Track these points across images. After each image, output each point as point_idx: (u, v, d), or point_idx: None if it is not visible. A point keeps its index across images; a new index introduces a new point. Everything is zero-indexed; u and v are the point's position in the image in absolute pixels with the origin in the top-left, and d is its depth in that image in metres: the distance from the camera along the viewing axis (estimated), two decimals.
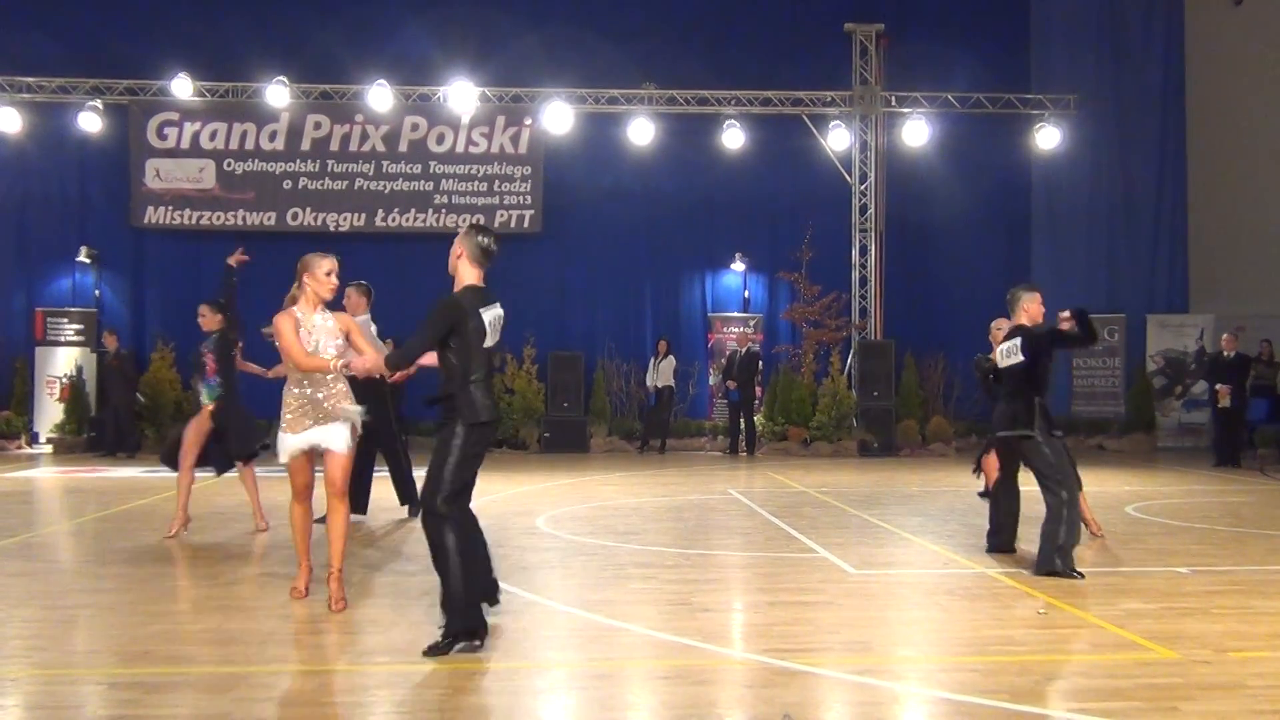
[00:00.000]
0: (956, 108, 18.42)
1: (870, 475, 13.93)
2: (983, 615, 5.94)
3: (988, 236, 19.11)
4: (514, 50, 18.14)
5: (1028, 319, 7.70)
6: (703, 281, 19.38)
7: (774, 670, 4.81)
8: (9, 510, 10.45)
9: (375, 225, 18.42)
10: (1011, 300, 7.81)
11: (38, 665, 4.87)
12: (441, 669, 4.75)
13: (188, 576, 6.90)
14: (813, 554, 7.83)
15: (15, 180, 18.48)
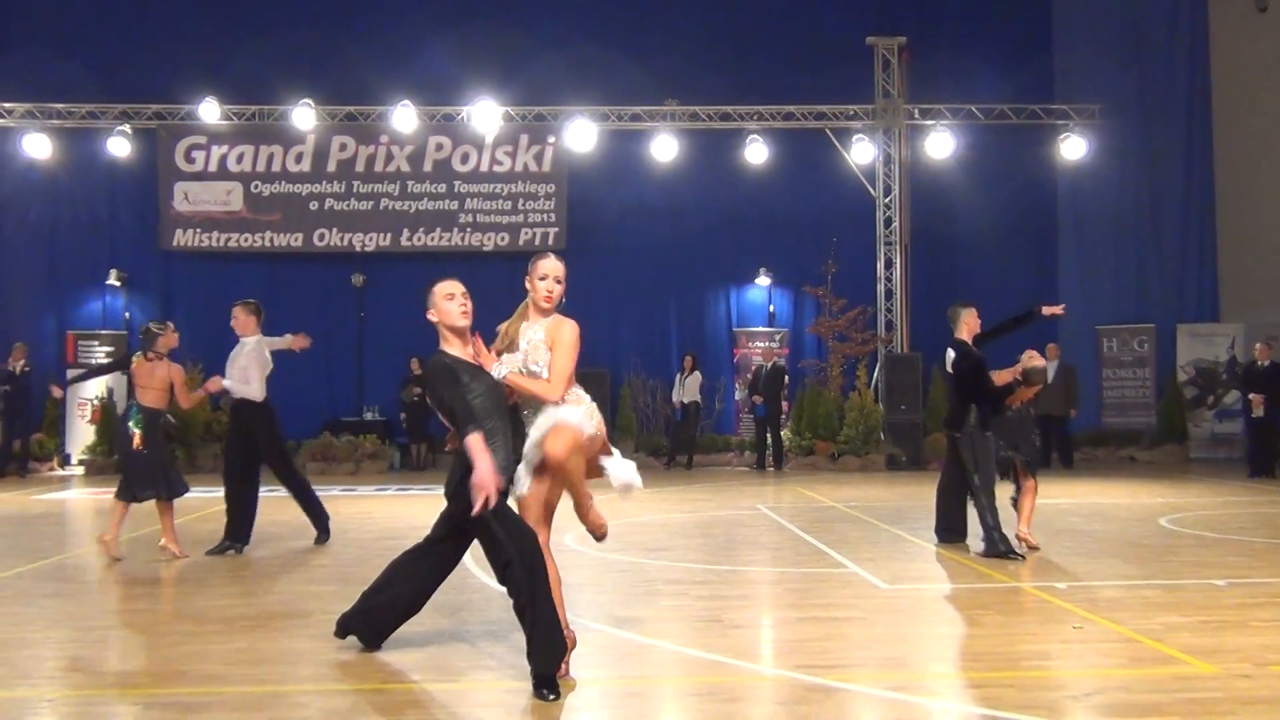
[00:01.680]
0: (980, 119, 18.37)
1: (899, 489, 13.85)
2: (1017, 630, 5.88)
3: (1014, 248, 19.03)
4: (537, 69, 18.25)
5: (967, 333, 8.48)
6: (728, 297, 19.38)
7: (806, 687, 4.77)
8: (42, 532, 10.55)
9: (401, 245, 18.54)
10: (952, 316, 8.57)
11: (73, 686, 4.90)
12: (472, 687, 4.74)
13: (220, 596, 6.93)
14: (843, 569, 7.78)
15: (46, 205, 18.74)
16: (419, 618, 6.23)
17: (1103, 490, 13.53)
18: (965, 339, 8.46)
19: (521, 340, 4.90)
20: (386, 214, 18.59)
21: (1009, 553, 8.03)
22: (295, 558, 8.55)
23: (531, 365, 4.84)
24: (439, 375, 4.87)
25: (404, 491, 14.23)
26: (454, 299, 4.99)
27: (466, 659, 5.27)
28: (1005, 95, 18.43)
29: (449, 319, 4.97)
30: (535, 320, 4.93)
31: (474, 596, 6.82)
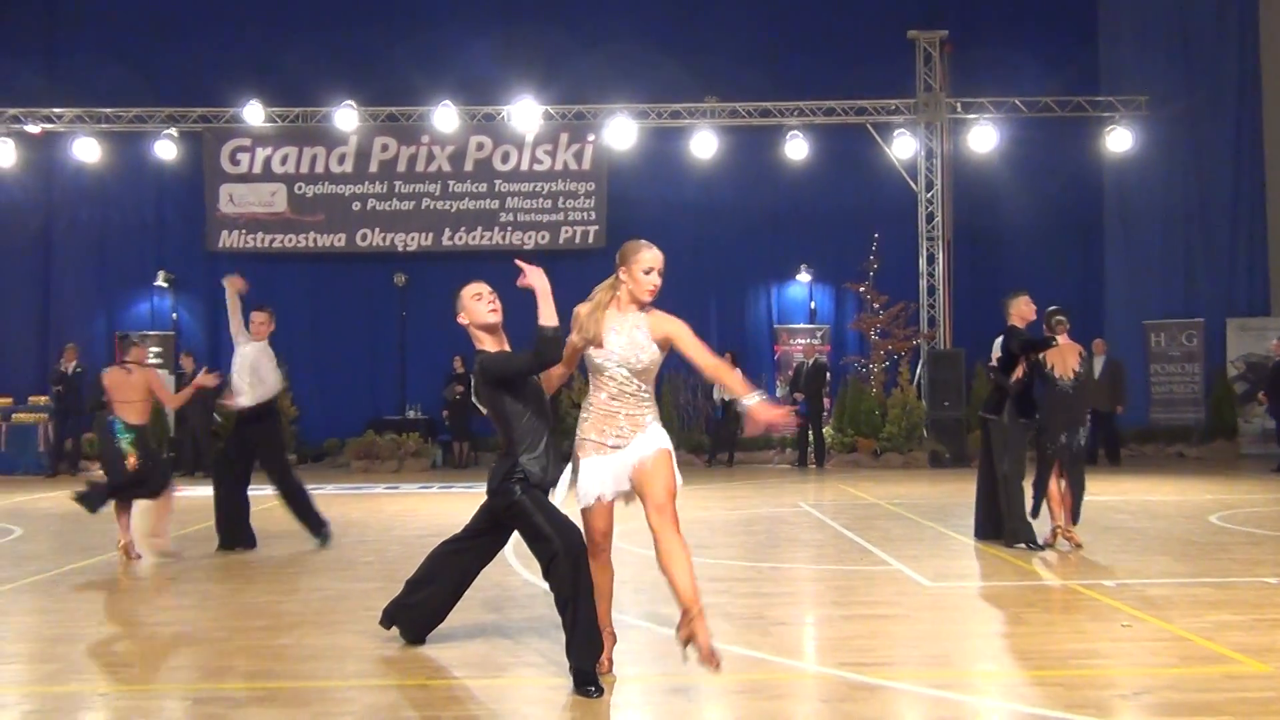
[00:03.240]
0: (1024, 112, 18.16)
1: (942, 486, 13.73)
2: (1064, 628, 5.81)
3: (1059, 242, 18.79)
4: (576, 68, 18.27)
5: (1019, 320, 8.47)
6: (768, 293, 19.31)
7: (851, 684, 4.75)
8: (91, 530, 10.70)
9: (442, 244, 18.65)
10: (1004, 305, 8.60)
11: (124, 681, 4.98)
12: (516, 682, 4.76)
13: (265, 593, 7.01)
14: (886, 567, 7.73)
15: (95, 208, 19.05)
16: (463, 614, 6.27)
17: (1151, 487, 13.34)
18: (1017, 325, 8.45)
19: (616, 334, 4.67)
20: (428, 214, 18.71)
21: (1030, 542, 8.19)
22: (339, 555, 8.62)
23: (634, 361, 4.65)
24: (493, 362, 4.85)
25: (447, 489, 14.32)
26: (481, 298, 4.99)
27: (510, 655, 5.30)
28: (1049, 88, 18.19)
29: (479, 318, 4.97)
30: (629, 311, 4.71)
31: (516, 593, 6.85)
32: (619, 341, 4.66)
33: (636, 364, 4.65)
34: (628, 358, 4.64)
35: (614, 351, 4.65)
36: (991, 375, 8.92)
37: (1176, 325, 18.46)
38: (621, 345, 4.65)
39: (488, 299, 5.00)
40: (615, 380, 4.67)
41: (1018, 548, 8.21)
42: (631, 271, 4.66)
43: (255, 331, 9.16)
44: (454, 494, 13.74)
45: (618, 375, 4.66)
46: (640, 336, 4.65)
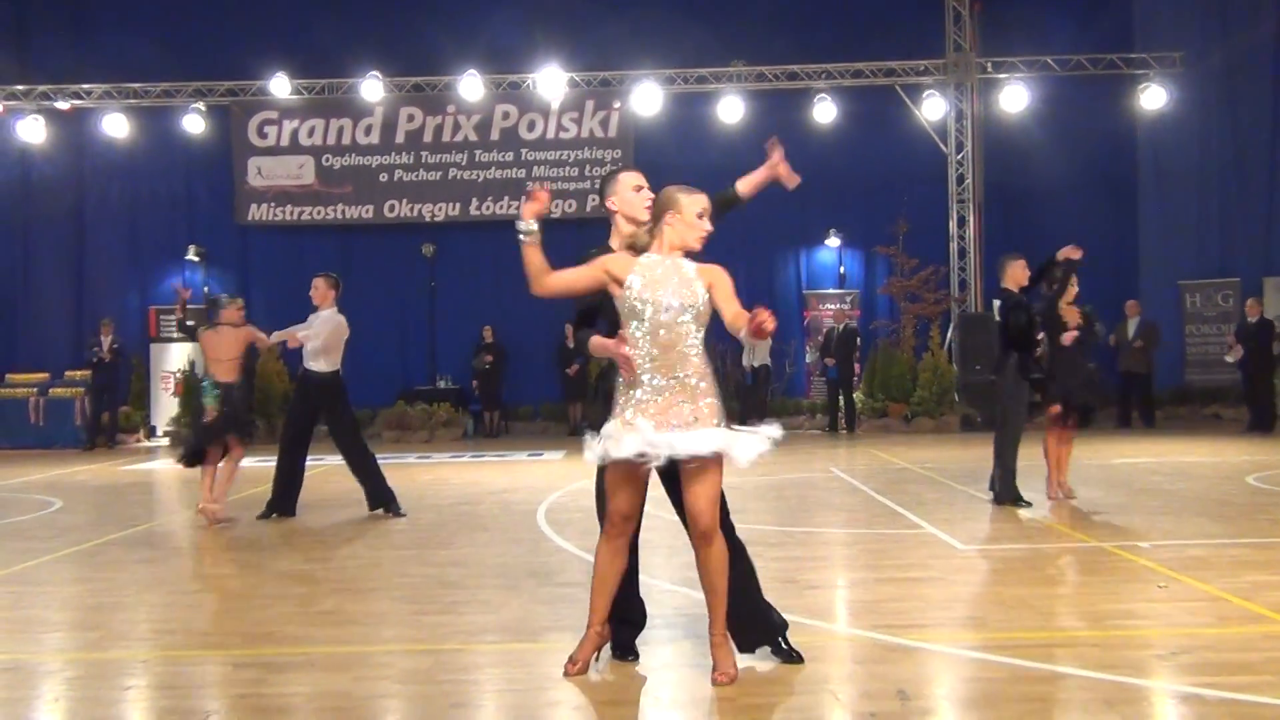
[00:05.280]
0: (1056, 70, 17.90)
1: (974, 450, 13.66)
2: (1099, 589, 5.78)
3: (1092, 202, 18.53)
4: (601, 34, 18.15)
5: (1012, 284, 8.61)
6: (797, 258, 19.22)
7: (885, 646, 4.75)
8: (132, 500, 10.88)
9: (470, 214, 18.67)
10: (999, 267, 8.80)
11: (166, 647, 5.06)
12: (551, 648, 4.80)
13: (303, 560, 7.09)
14: (919, 530, 7.72)
15: (126, 183, 19.18)
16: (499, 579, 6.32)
17: (1186, 448, 13.23)
18: (1010, 289, 8.62)
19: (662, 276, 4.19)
20: (455, 183, 18.71)
21: (1017, 500, 8.45)
22: (373, 523, 8.70)
23: (688, 301, 4.16)
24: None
25: (478, 458, 14.41)
26: (641, 190, 4.57)
27: (545, 620, 5.34)
28: (1082, 46, 17.91)
29: (632, 210, 4.52)
30: (673, 255, 4.26)
31: (550, 559, 6.89)
32: (664, 279, 4.17)
33: (690, 301, 4.14)
34: (680, 300, 4.14)
35: (663, 292, 4.15)
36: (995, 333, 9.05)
37: (1212, 285, 18.21)
38: (673, 285, 4.16)
39: (646, 194, 4.56)
40: (662, 331, 4.13)
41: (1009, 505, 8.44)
42: (683, 216, 4.24)
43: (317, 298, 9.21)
44: (485, 463, 13.83)
45: (668, 322, 4.13)
46: (689, 275, 4.20)
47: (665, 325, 4.14)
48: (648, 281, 4.18)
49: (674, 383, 4.14)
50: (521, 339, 17.99)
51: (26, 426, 17.53)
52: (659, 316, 4.14)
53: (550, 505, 9.10)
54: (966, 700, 4.09)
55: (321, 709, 4.12)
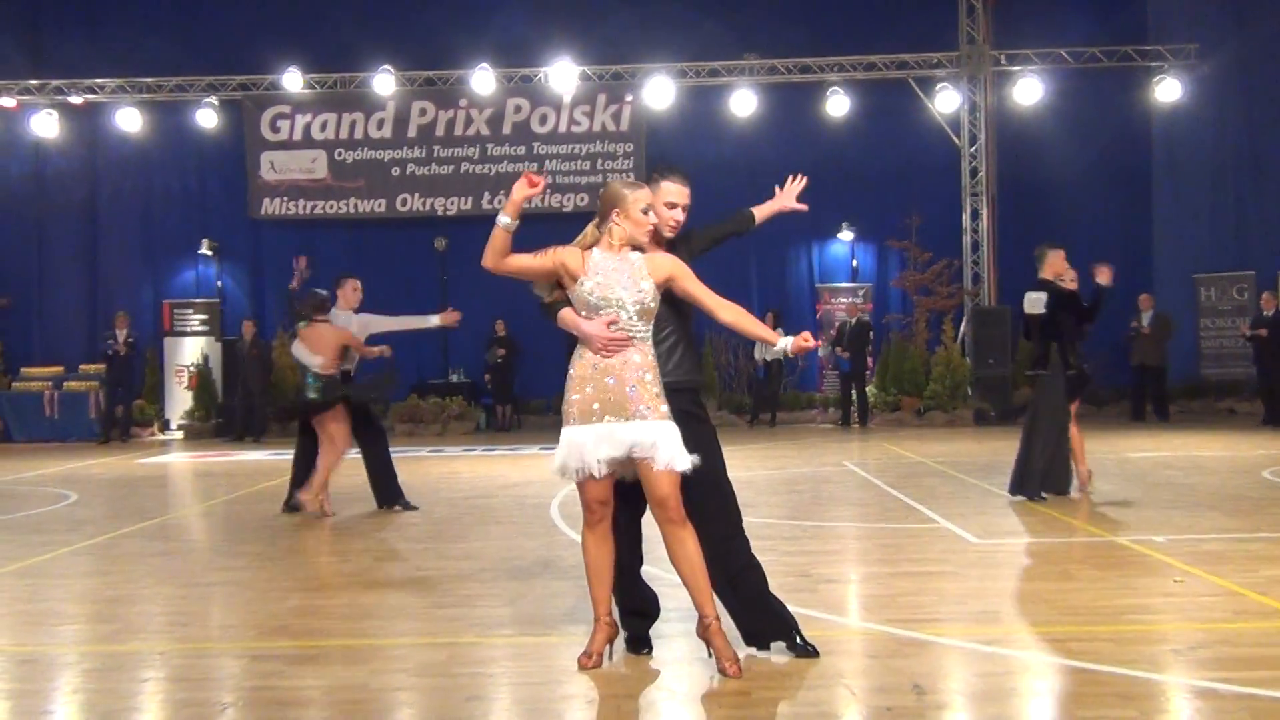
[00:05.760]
0: (1070, 63, 17.82)
1: (988, 444, 13.64)
2: (1114, 584, 5.76)
3: (1106, 196, 18.47)
4: (613, 27, 18.14)
5: (1051, 274, 8.54)
6: (809, 252, 19.19)
7: (900, 640, 4.75)
8: (146, 494, 10.93)
9: (482, 208, 18.67)
10: (1039, 255, 8.61)
11: (182, 640, 5.08)
12: (565, 641, 4.80)
13: (317, 554, 7.12)
14: (933, 524, 7.70)
15: (139, 178, 19.27)
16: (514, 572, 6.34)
17: (1201, 443, 13.17)
18: (1050, 279, 8.51)
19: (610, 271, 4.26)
20: (467, 177, 18.73)
21: (1035, 496, 8.39)
22: (387, 517, 8.72)
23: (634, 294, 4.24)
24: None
25: (490, 452, 14.43)
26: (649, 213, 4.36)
27: (559, 613, 5.34)
28: (1096, 38, 17.83)
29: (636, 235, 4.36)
30: (622, 251, 4.31)
31: (564, 553, 6.90)
32: (615, 276, 4.25)
33: (634, 298, 4.22)
34: (628, 292, 4.23)
35: (614, 289, 4.23)
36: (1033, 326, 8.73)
37: (1227, 279, 18.12)
38: (624, 282, 4.24)
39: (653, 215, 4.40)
40: (613, 326, 4.24)
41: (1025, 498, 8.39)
42: (629, 214, 4.28)
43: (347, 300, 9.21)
44: (497, 456, 13.85)
45: (616, 316, 4.23)
46: (636, 272, 4.26)
47: (616, 320, 4.25)
48: (599, 279, 4.27)
49: (620, 379, 4.23)
50: (534, 333, 17.96)
51: (41, 420, 17.65)
52: (610, 312, 4.24)
53: (563, 499, 9.11)
54: (982, 694, 4.08)
55: (337, 702, 4.13)
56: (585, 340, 4.30)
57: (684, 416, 4.37)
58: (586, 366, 4.28)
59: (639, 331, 4.28)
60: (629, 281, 4.26)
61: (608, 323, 4.23)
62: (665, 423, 4.22)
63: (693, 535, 4.28)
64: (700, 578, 4.28)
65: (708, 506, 4.43)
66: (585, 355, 4.30)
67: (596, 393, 4.24)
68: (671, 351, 4.47)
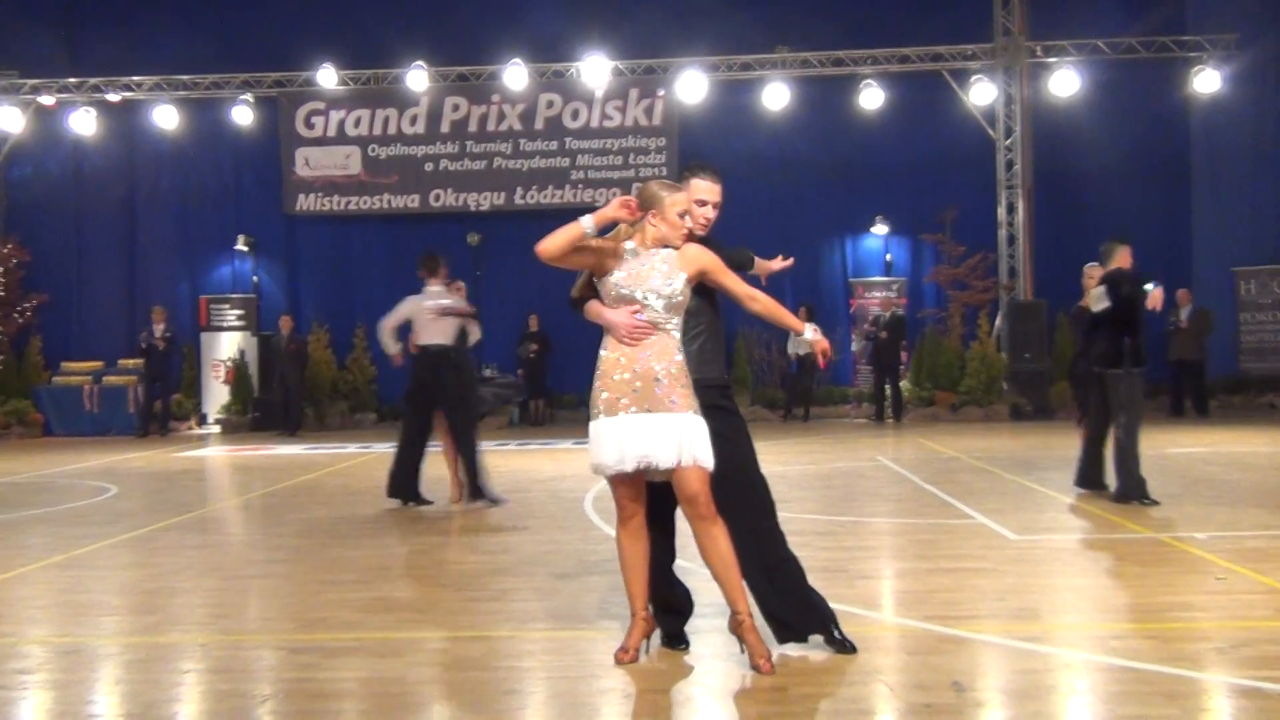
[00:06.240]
0: (1107, 54, 17.61)
1: (1025, 440, 13.53)
2: (1155, 581, 5.70)
3: (1144, 188, 18.23)
4: (645, 21, 18.10)
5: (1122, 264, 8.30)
6: (843, 246, 19.09)
7: (938, 637, 4.72)
8: (184, 487, 11.04)
9: (514, 203, 18.71)
10: (1106, 252, 8.40)
11: (222, 631, 5.13)
12: (601, 635, 4.81)
13: (353, 547, 7.16)
14: (970, 520, 7.65)
15: (176, 175, 19.44)
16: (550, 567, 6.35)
17: (1241, 438, 13.00)
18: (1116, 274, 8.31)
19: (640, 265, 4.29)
20: (500, 173, 18.77)
21: (1144, 498, 7.96)
22: (423, 511, 8.76)
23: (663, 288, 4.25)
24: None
25: (524, 446, 14.47)
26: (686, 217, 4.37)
27: (594, 608, 5.35)
28: (1133, 28, 17.61)
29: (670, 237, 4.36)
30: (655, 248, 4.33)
31: (599, 547, 6.90)
32: (645, 269, 4.27)
33: (665, 292, 4.23)
34: (658, 286, 4.23)
35: (644, 285, 4.24)
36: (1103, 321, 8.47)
37: (1267, 272, 17.85)
38: (653, 278, 4.25)
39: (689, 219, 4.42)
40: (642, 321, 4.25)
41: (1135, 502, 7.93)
42: (665, 216, 4.29)
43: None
44: (531, 451, 13.89)
45: (646, 310, 4.24)
46: (666, 267, 4.27)
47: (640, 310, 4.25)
48: (630, 275, 4.28)
49: (648, 370, 4.22)
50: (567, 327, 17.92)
51: (82, 414, 17.88)
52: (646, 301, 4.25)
53: (597, 493, 9.12)
54: (1022, 692, 4.04)
55: (375, 694, 4.16)
56: (610, 330, 4.32)
57: (715, 411, 4.38)
58: (614, 358, 4.28)
59: (668, 324, 4.29)
60: (659, 275, 4.27)
61: (632, 311, 4.26)
62: (692, 416, 4.21)
63: (724, 531, 4.26)
64: (732, 573, 4.27)
65: (741, 499, 4.43)
66: (613, 347, 4.30)
67: (624, 385, 4.23)
68: (703, 347, 4.48)
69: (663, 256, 4.31)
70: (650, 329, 4.25)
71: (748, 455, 4.49)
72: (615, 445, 4.20)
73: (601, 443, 4.24)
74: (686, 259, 4.31)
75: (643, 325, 4.24)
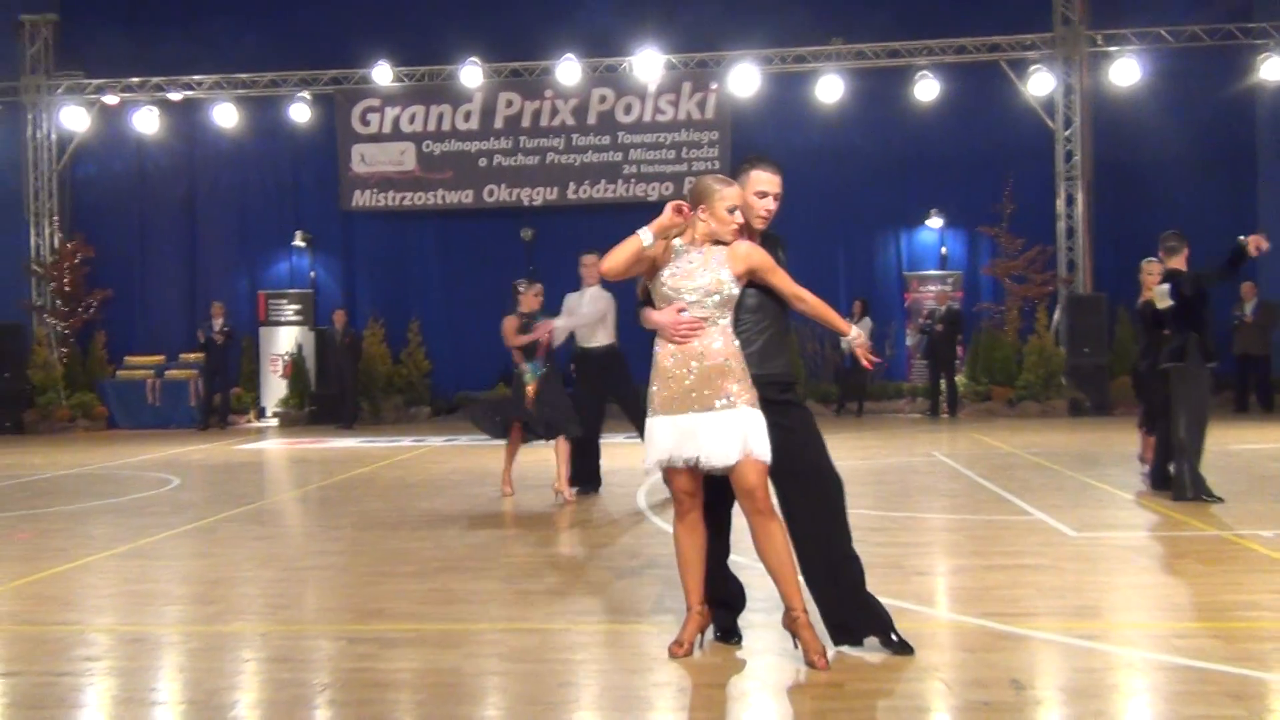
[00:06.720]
0: (1170, 42, 17.26)
1: (1084, 435, 13.33)
2: (1220, 579, 5.59)
3: (1208, 179, 17.84)
4: (697, 15, 18.07)
5: (1181, 263, 8.22)
6: (897, 239, 18.90)
7: (995, 634, 4.66)
8: (244, 479, 11.22)
9: (567, 198, 18.76)
10: (1176, 248, 8.27)
11: (282, 621, 5.21)
12: (655, 629, 4.81)
13: (410, 540, 7.23)
14: (1027, 516, 7.55)
15: (235, 171, 19.73)
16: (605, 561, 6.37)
17: None
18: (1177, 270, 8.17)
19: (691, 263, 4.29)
20: (553, 168, 18.83)
21: (1204, 495, 7.82)
22: (477, 504, 8.83)
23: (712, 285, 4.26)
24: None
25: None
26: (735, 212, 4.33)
27: (648, 602, 5.36)
28: (1197, 15, 17.23)
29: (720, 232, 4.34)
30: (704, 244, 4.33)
31: (652, 540, 6.91)
32: (693, 267, 4.28)
33: (714, 289, 4.23)
34: (706, 283, 4.24)
35: (692, 282, 4.25)
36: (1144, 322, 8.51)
37: None
38: (701, 275, 4.26)
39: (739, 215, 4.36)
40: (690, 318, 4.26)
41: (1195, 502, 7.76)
42: (715, 211, 4.28)
43: (588, 275, 9.38)
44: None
45: (684, 304, 4.25)
46: (715, 265, 4.27)
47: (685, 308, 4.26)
48: (677, 272, 4.30)
49: (702, 367, 4.22)
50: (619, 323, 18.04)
51: (144, 407, 18.24)
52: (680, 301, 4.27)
53: (649, 487, 9.13)
54: (1083, 691, 3.98)
55: (432, 684, 4.20)
56: (659, 332, 4.34)
57: (782, 405, 4.37)
58: (668, 356, 4.30)
59: (719, 320, 4.28)
60: (707, 272, 4.27)
61: (677, 309, 4.26)
62: (748, 410, 4.20)
63: (781, 527, 4.25)
64: (788, 569, 4.26)
65: (810, 493, 4.40)
66: (667, 345, 4.31)
67: (679, 382, 4.25)
68: (768, 343, 4.43)
69: (712, 254, 4.31)
70: (699, 325, 4.25)
71: (818, 448, 4.45)
72: (668, 443, 4.25)
73: (656, 439, 4.29)
74: (736, 256, 4.30)
75: (689, 322, 4.24)
